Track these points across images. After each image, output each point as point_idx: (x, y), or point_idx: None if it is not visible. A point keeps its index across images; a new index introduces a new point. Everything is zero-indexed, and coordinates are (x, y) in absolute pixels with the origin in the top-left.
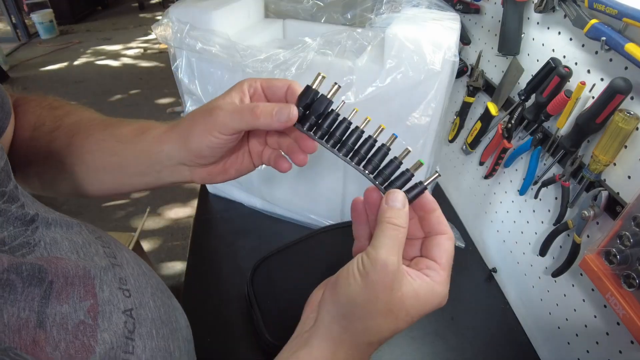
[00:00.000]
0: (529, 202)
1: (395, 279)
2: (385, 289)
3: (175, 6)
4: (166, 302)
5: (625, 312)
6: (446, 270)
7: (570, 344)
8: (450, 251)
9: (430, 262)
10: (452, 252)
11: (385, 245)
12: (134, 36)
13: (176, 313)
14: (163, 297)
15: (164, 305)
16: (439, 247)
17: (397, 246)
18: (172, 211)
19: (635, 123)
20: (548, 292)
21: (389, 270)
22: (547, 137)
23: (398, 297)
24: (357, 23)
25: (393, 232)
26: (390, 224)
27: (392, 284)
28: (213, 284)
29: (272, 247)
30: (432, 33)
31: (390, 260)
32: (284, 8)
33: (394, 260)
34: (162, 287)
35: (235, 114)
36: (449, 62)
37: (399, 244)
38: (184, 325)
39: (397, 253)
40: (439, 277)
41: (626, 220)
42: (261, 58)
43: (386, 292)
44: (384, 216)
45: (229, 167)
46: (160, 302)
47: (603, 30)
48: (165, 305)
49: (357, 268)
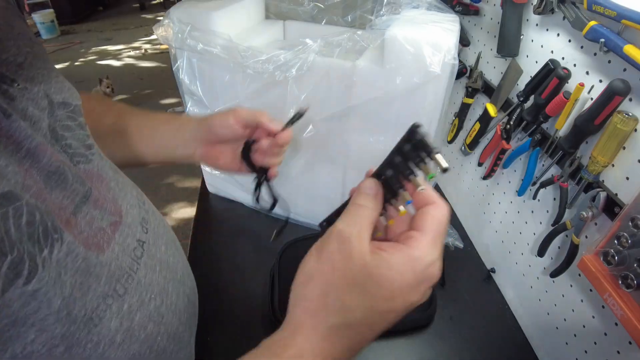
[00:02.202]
0: (528, 202)
1: (353, 248)
2: (343, 258)
3: (176, 7)
4: (177, 257)
5: (623, 313)
6: (429, 235)
7: (568, 344)
8: (438, 218)
9: (411, 232)
10: (440, 219)
11: (345, 219)
12: (135, 36)
13: (184, 271)
14: (175, 252)
15: (173, 257)
16: (423, 216)
17: (358, 220)
18: (172, 211)
19: (634, 124)
20: (546, 292)
21: (344, 237)
22: (545, 138)
23: (361, 266)
24: (357, 25)
25: (356, 210)
26: (354, 204)
27: (351, 253)
28: (213, 284)
29: (272, 247)
30: (431, 35)
31: (346, 229)
32: (284, 9)
33: (352, 231)
34: (178, 246)
35: (249, 112)
36: (449, 65)
37: (360, 219)
38: (189, 285)
39: (358, 226)
40: (416, 242)
41: (624, 221)
42: (262, 59)
43: (344, 262)
44: (352, 200)
45: (220, 156)
46: (171, 252)
47: (602, 32)
48: (174, 258)
49: (315, 245)
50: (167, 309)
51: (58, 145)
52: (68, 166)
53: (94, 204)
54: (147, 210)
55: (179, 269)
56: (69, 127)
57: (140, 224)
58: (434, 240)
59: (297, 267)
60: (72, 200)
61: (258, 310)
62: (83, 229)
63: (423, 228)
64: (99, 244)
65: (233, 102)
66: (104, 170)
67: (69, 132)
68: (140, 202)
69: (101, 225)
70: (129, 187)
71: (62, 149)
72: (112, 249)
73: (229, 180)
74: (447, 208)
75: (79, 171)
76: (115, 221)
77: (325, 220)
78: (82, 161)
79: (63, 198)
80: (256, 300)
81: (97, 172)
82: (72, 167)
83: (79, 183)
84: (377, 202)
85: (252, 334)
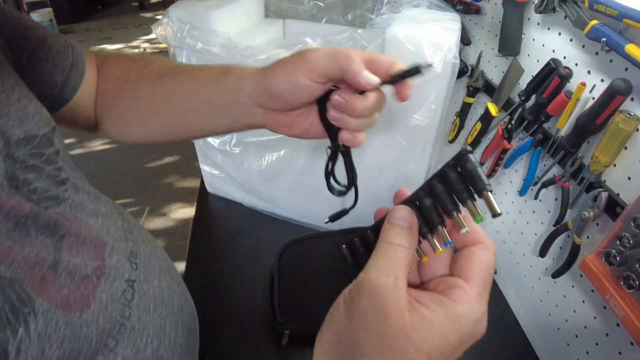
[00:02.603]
0: (529, 203)
1: (389, 305)
2: (376, 317)
3: (175, 6)
4: (172, 285)
5: (625, 314)
6: (477, 286)
7: (569, 345)
8: (487, 263)
9: (455, 279)
10: (489, 264)
11: (377, 266)
12: (134, 36)
13: (181, 299)
14: (170, 281)
15: (168, 287)
16: (468, 258)
17: (393, 266)
18: (171, 211)
19: (636, 124)
20: (548, 293)
21: (379, 294)
22: (547, 138)
23: (398, 328)
24: (357, 24)
25: (389, 251)
26: (386, 243)
27: (385, 311)
28: (213, 284)
29: (271, 247)
30: (432, 34)
31: (380, 282)
32: (284, 8)
33: (387, 282)
34: (172, 272)
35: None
36: (449, 64)
37: (395, 264)
38: (187, 313)
39: (394, 274)
40: (463, 295)
41: (626, 221)
42: (262, 58)
43: (378, 322)
44: (382, 235)
45: (295, 123)
46: (165, 283)
47: (603, 31)
48: (170, 288)
49: (342, 297)
50: (166, 349)
51: (19, 194)
52: (33, 216)
53: (72, 252)
54: (136, 240)
55: (176, 299)
56: (33, 167)
57: (129, 260)
58: (483, 291)
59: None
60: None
61: (258, 310)
62: (63, 284)
63: (470, 276)
64: (83, 297)
65: None
66: (81, 206)
67: (33, 173)
68: (127, 232)
69: (84, 274)
70: (112, 218)
71: (25, 197)
72: (98, 299)
73: (229, 180)
74: (496, 248)
75: (49, 217)
76: (99, 265)
77: (347, 246)
78: (52, 205)
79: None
80: (256, 300)
81: (72, 212)
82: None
83: (49, 233)
84: (414, 238)
85: (252, 334)
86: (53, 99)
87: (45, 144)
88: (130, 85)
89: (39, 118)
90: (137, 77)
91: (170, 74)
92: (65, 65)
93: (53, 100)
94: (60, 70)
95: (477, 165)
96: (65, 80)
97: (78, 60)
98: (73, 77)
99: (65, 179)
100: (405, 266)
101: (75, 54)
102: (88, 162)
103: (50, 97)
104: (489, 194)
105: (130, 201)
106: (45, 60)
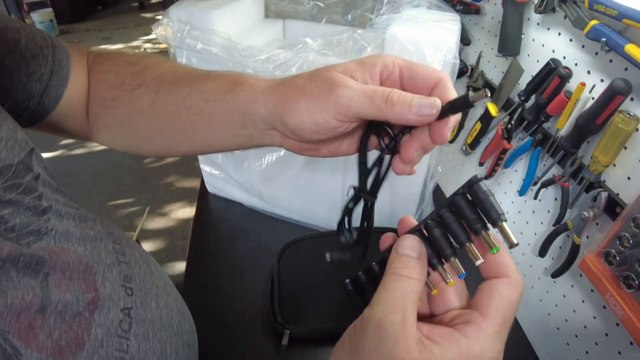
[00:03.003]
0: (529, 202)
1: (396, 343)
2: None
3: (175, 6)
4: (170, 304)
5: (625, 313)
6: (495, 324)
7: (569, 345)
8: (509, 299)
9: (473, 313)
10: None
11: (384, 301)
12: (134, 36)
13: (180, 317)
14: (168, 300)
15: (167, 307)
16: (490, 293)
17: (401, 300)
18: (171, 211)
19: (635, 124)
20: (547, 292)
21: (385, 332)
22: (547, 138)
23: None
24: (357, 24)
25: (397, 284)
26: (394, 275)
27: (393, 351)
28: (213, 284)
29: (272, 247)
30: (432, 34)
31: (388, 320)
32: (284, 8)
33: (394, 319)
34: (170, 289)
35: (365, 98)
36: (449, 64)
37: (404, 298)
38: (187, 329)
39: (402, 309)
40: (478, 332)
41: (626, 221)
42: (262, 58)
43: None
44: (390, 267)
45: (321, 146)
46: (163, 304)
47: (603, 31)
48: (168, 308)
49: (348, 334)
50: None
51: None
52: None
53: (61, 288)
54: (129, 261)
55: (175, 318)
56: (9, 202)
57: (123, 285)
58: (501, 330)
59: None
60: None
61: (258, 310)
62: (53, 327)
63: (488, 312)
64: (77, 337)
65: None
66: (67, 235)
67: (9, 209)
68: (119, 255)
69: (76, 311)
70: (102, 242)
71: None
72: (93, 336)
73: (229, 180)
74: (523, 285)
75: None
76: (92, 298)
77: (351, 282)
78: (34, 240)
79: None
80: (256, 300)
81: (57, 244)
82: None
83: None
84: (423, 269)
85: (252, 334)
86: (31, 112)
87: (21, 172)
88: (127, 94)
89: (13, 143)
90: (133, 84)
91: (169, 85)
92: (42, 72)
93: (31, 113)
94: (36, 79)
95: (490, 194)
96: (45, 90)
97: (61, 65)
98: (54, 85)
99: (46, 207)
100: (414, 300)
101: (57, 56)
102: (88, 162)
103: (28, 110)
104: (504, 224)
105: (131, 201)
106: (17, 69)
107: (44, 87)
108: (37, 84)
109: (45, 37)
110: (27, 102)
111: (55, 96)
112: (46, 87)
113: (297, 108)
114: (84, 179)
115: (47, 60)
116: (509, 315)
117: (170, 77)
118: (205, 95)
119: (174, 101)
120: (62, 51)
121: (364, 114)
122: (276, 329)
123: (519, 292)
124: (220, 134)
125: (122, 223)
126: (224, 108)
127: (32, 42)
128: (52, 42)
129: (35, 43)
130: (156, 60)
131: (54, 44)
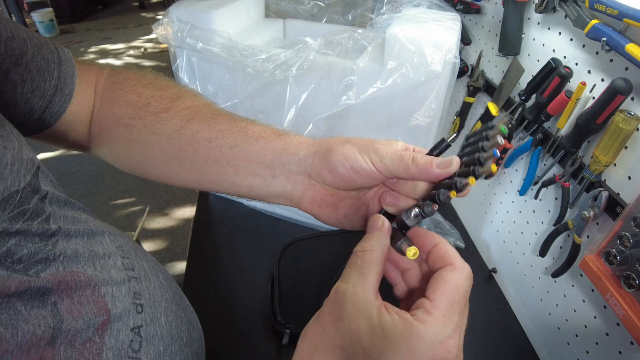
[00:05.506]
0: (529, 202)
1: (344, 307)
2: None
3: (175, 5)
4: (180, 315)
5: (625, 313)
6: (440, 308)
7: (570, 345)
8: (454, 284)
9: (422, 300)
10: (456, 285)
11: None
12: (134, 35)
13: (189, 326)
14: (177, 311)
15: (176, 319)
16: (435, 279)
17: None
18: (172, 211)
19: (636, 124)
20: (548, 292)
21: (337, 298)
22: (547, 138)
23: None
24: (357, 23)
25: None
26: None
27: (341, 313)
28: (213, 284)
29: (272, 247)
30: (432, 34)
31: (340, 287)
32: (284, 8)
33: (344, 287)
34: (179, 298)
35: (397, 157)
36: (450, 64)
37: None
38: (195, 338)
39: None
40: (425, 316)
41: (626, 220)
42: (262, 58)
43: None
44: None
45: (340, 205)
46: (173, 316)
47: (604, 30)
48: (178, 319)
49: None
50: None
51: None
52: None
53: (73, 314)
54: (138, 275)
55: (184, 329)
56: (16, 233)
57: (133, 303)
58: (448, 313)
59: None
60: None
61: (258, 310)
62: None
63: (434, 298)
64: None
65: (233, 100)
66: (76, 257)
67: (15, 239)
68: (129, 270)
69: (86, 337)
70: (111, 258)
71: (10, 269)
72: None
73: None
74: (468, 271)
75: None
76: (102, 321)
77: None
78: (42, 268)
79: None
80: (256, 300)
81: (66, 268)
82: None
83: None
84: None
85: (252, 334)
86: (29, 127)
87: (27, 197)
88: (149, 116)
89: (19, 167)
90: (159, 107)
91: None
92: (47, 88)
93: (29, 127)
94: (40, 94)
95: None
96: (47, 106)
97: (66, 81)
98: (57, 101)
99: (55, 230)
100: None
101: (62, 72)
102: (88, 162)
103: (26, 124)
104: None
105: (131, 201)
106: (21, 83)
107: (47, 104)
108: (40, 100)
109: (52, 49)
110: (28, 117)
111: (57, 112)
112: (49, 103)
113: (343, 149)
114: (84, 179)
115: (53, 76)
116: (457, 298)
117: (207, 110)
118: (248, 133)
119: (209, 131)
120: (68, 66)
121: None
122: (276, 329)
123: (463, 276)
124: (239, 169)
125: (122, 223)
126: (262, 146)
127: (38, 55)
128: (59, 55)
129: (42, 56)
130: (187, 92)
131: (60, 58)
